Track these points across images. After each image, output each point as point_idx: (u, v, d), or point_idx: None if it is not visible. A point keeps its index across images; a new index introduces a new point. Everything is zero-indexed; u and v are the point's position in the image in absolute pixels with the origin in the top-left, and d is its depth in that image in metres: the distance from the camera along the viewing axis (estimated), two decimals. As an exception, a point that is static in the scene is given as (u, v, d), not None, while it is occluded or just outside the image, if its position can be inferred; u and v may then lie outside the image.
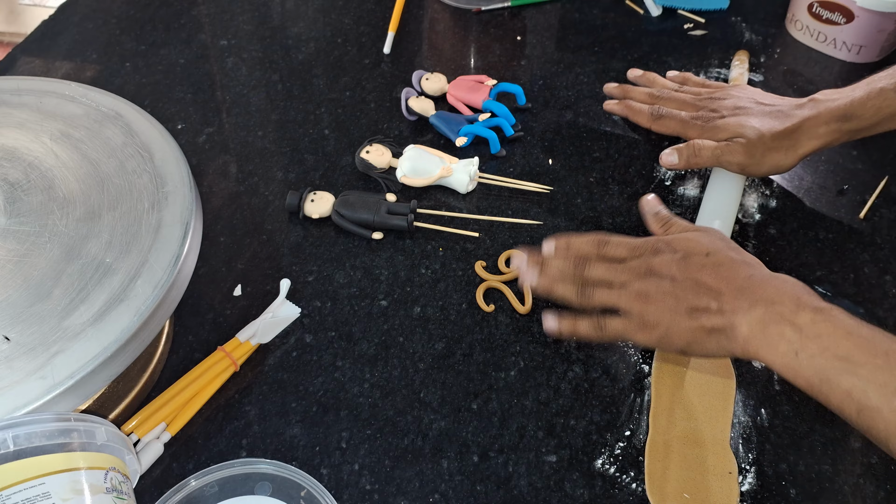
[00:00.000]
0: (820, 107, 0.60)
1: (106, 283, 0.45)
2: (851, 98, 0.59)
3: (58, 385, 0.41)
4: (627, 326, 0.50)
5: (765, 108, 0.63)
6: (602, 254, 0.53)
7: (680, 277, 0.49)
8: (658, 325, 0.49)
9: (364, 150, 0.68)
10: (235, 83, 0.79)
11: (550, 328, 0.53)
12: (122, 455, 0.44)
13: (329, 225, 0.64)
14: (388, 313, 0.58)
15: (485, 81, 0.74)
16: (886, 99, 0.57)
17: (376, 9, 0.89)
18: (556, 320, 0.53)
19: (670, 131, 0.66)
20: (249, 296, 0.59)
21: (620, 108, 0.70)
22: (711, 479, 0.48)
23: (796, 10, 0.83)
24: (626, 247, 0.53)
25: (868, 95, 0.58)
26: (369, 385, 0.54)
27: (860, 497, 0.48)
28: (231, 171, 0.70)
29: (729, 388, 0.53)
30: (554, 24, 0.87)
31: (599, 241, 0.53)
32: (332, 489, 0.48)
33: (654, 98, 0.69)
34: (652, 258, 0.51)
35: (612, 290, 0.51)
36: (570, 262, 0.53)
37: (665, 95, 0.69)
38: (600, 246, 0.53)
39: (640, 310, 0.49)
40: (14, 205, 0.48)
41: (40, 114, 0.56)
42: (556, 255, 0.54)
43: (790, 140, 0.60)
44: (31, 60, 0.82)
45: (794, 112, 0.61)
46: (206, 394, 0.52)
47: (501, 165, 0.70)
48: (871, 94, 0.58)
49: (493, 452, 0.50)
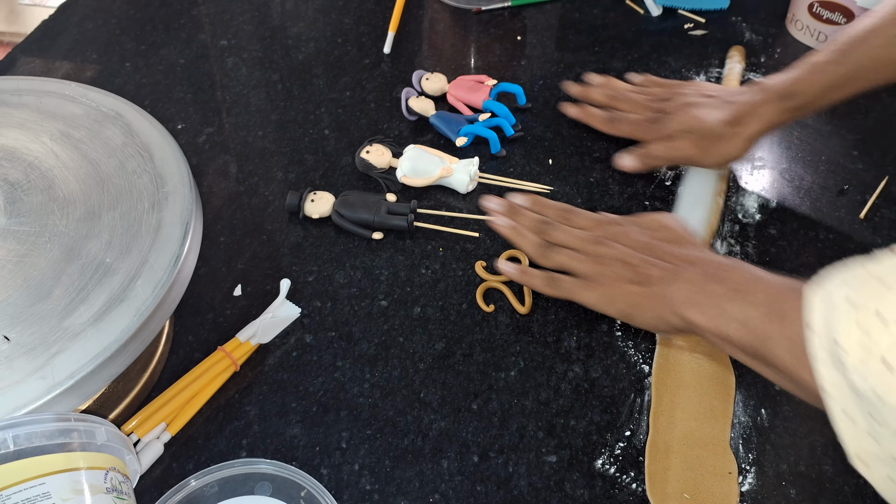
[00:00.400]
0: (761, 89, 0.61)
1: (106, 283, 0.45)
2: (792, 77, 0.60)
3: (58, 385, 0.41)
4: (577, 284, 0.53)
5: (711, 99, 0.64)
6: (567, 220, 0.58)
7: (634, 246, 0.53)
8: (603, 285, 0.52)
9: (364, 150, 0.68)
10: (235, 83, 0.79)
11: (505, 270, 0.57)
12: (123, 455, 0.44)
13: (329, 225, 0.64)
14: (388, 313, 0.58)
15: (485, 81, 0.74)
16: (823, 73, 0.59)
17: (376, 9, 0.89)
18: (513, 266, 0.57)
19: (625, 134, 0.68)
20: (249, 296, 0.59)
21: (577, 112, 0.72)
22: (711, 480, 0.48)
23: (796, 10, 0.83)
24: (591, 219, 0.57)
25: (805, 71, 0.60)
26: (369, 385, 0.54)
27: (860, 497, 0.48)
28: (231, 171, 0.70)
29: (729, 388, 0.53)
30: (554, 24, 0.87)
31: (567, 209, 0.59)
32: (332, 489, 0.48)
33: (609, 98, 0.71)
34: (611, 228, 0.56)
35: (570, 253, 0.55)
36: (538, 218, 0.58)
37: (620, 97, 0.70)
38: (567, 213, 0.58)
39: (592, 271, 0.53)
40: (14, 205, 0.48)
41: (40, 114, 0.56)
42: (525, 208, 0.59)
43: (737, 127, 0.61)
44: (31, 60, 0.82)
45: (736, 98, 0.62)
46: (206, 394, 0.52)
47: (501, 165, 0.70)
48: (807, 69, 0.60)
49: (494, 452, 0.50)
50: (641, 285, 0.51)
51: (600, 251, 0.54)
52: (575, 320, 0.57)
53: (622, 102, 0.70)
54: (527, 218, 0.58)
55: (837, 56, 0.58)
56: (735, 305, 0.44)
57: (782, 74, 0.61)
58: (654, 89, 0.71)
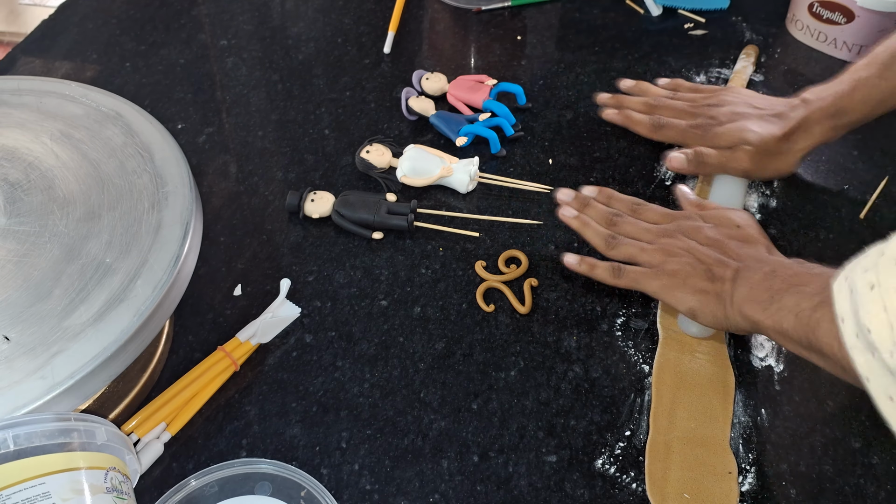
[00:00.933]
0: (812, 106, 0.61)
1: (106, 283, 0.45)
2: (839, 93, 0.60)
3: (58, 385, 0.41)
4: (643, 273, 0.53)
5: (761, 111, 0.63)
6: (637, 213, 0.58)
7: (706, 242, 0.53)
8: (674, 276, 0.52)
9: (364, 150, 0.68)
10: (235, 83, 0.79)
11: (570, 263, 0.57)
12: (123, 455, 0.44)
13: (329, 225, 0.64)
14: (388, 313, 0.58)
15: (485, 81, 0.74)
16: (871, 88, 0.59)
17: (376, 9, 0.89)
18: (578, 257, 0.57)
19: (671, 140, 0.67)
20: (249, 296, 0.59)
21: (620, 118, 0.70)
22: (711, 480, 0.48)
23: (797, 10, 0.83)
24: (660, 213, 0.58)
25: (853, 88, 0.59)
26: (369, 385, 0.54)
27: (861, 497, 0.48)
28: (231, 171, 0.70)
29: (729, 388, 0.53)
30: (554, 23, 0.87)
31: (637, 202, 0.59)
32: (332, 489, 0.48)
33: (649, 107, 0.69)
34: (683, 222, 0.55)
35: (638, 245, 0.55)
36: (608, 210, 0.58)
37: (661, 104, 0.69)
38: (637, 206, 0.59)
39: (661, 261, 0.53)
40: (14, 205, 0.48)
41: (40, 114, 0.56)
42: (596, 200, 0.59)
43: (790, 142, 0.61)
44: (31, 60, 0.82)
45: (789, 114, 0.62)
46: (206, 394, 0.52)
47: (501, 165, 0.70)
48: (855, 86, 0.59)
49: (494, 452, 0.50)
50: (710, 282, 0.50)
51: (670, 244, 0.54)
52: (575, 320, 0.57)
53: (663, 109, 0.69)
54: (596, 210, 0.59)
55: (882, 70, 0.58)
56: (790, 297, 0.45)
57: (827, 90, 0.61)
58: (691, 94, 0.70)
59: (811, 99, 0.62)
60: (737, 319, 0.49)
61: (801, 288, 0.45)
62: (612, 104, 0.72)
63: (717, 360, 0.55)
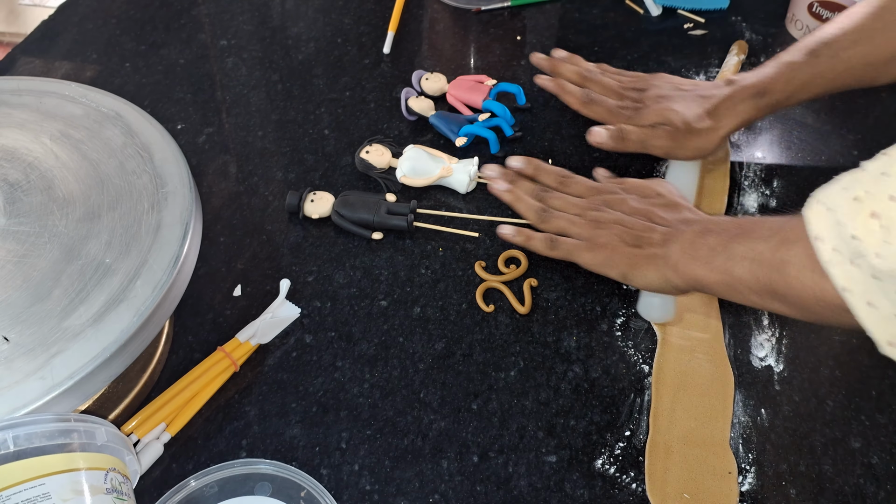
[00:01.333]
0: (735, 86, 0.63)
1: (106, 283, 0.45)
2: (763, 74, 0.62)
3: (57, 385, 0.41)
4: (577, 246, 0.55)
5: (685, 93, 0.65)
6: (565, 186, 0.60)
7: (630, 212, 0.56)
8: (604, 248, 0.54)
9: (364, 150, 0.68)
10: (235, 83, 0.79)
11: (506, 234, 0.59)
12: (122, 455, 0.44)
13: (329, 225, 0.64)
14: (388, 313, 0.58)
15: (484, 81, 0.74)
16: (794, 71, 0.61)
17: (376, 9, 0.89)
18: (514, 229, 0.59)
19: (598, 117, 0.68)
20: (249, 296, 0.59)
21: (553, 86, 0.70)
22: (711, 480, 0.48)
23: (796, 10, 0.83)
24: (586, 185, 0.60)
25: (778, 70, 0.61)
26: (369, 385, 0.54)
27: (860, 497, 0.48)
28: (231, 171, 0.70)
29: (729, 388, 0.53)
30: (554, 23, 0.87)
31: (564, 174, 0.61)
32: (332, 489, 0.48)
33: (582, 78, 0.70)
34: (608, 196, 0.58)
35: (568, 219, 0.57)
36: (536, 186, 0.60)
37: (593, 77, 0.70)
38: (565, 179, 0.61)
39: (591, 234, 0.55)
40: (14, 205, 0.48)
41: (40, 114, 0.56)
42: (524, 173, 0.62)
43: (711, 121, 0.62)
44: (31, 60, 0.82)
45: (711, 93, 0.64)
46: (206, 394, 0.52)
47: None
48: (780, 68, 0.61)
49: (493, 453, 0.50)
50: (640, 247, 0.53)
51: (598, 216, 0.56)
52: (575, 320, 0.57)
53: (594, 84, 0.70)
54: (525, 186, 0.61)
55: (808, 57, 0.60)
56: (741, 245, 0.46)
57: (755, 72, 0.63)
58: (622, 77, 0.71)
59: (735, 79, 0.64)
60: (675, 280, 0.50)
61: (751, 234, 0.46)
62: (546, 67, 0.73)
63: (716, 360, 0.55)
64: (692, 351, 0.55)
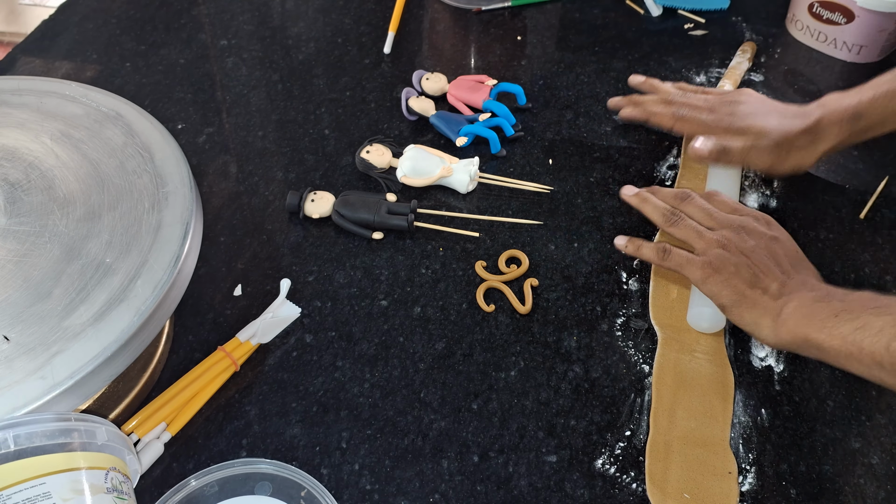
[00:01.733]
0: (828, 108, 0.62)
1: (106, 283, 0.45)
2: (860, 99, 0.61)
3: (58, 385, 0.41)
4: (690, 261, 0.54)
5: (780, 110, 0.64)
6: (709, 197, 0.59)
7: (762, 249, 0.53)
8: (719, 273, 0.52)
9: (364, 150, 0.68)
10: (235, 83, 0.79)
11: (619, 243, 0.59)
12: (123, 455, 0.44)
13: (329, 225, 0.64)
14: (388, 313, 0.58)
15: (485, 81, 0.74)
16: (892, 99, 0.60)
17: (376, 9, 0.89)
18: (626, 238, 0.59)
19: (693, 133, 0.67)
20: (249, 296, 0.59)
21: (640, 112, 0.70)
22: (711, 479, 0.48)
23: (797, 10, 0.83)
24: (731, 206, 0.58)
25: (875, 96, 0.60)
26: (369, 385, 0.54)
27: (860, 497, 0.48)
28: (231, 171, 0.70)
29: (729, 388, 0.53)
30: (554, 23, 0.87)
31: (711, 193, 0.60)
32: (333, 489, 0.48)
33: (668, 104, 0.69)
34: (749, 221, 0.56)
35: (698, 229, 0.55)
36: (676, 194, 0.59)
37: (678, 100, 0.69)
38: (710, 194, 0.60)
39: (713, 253, 0.53)
40: (14, 205, 0.48)
41: (40, 114, 0.56)
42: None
43: (810, 138, 0.62)
44: (31, 60, 0.82)
45: (810, 112, 0.63)
46: (206, 394, 0.52)
47: (501, 165, 0.70)
48: (877, 94, 0.60)
49: (494, 452, 0.50)
50: (751, 288, 0.51)
51: (729, 237, 0.54)
52: (575, 320, 0.57)
53: (681, 106, 0.69)
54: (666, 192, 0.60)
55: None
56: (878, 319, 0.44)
57: (852, 94, 0.62)
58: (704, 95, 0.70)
59: (828, 102, 0.63)
60: (782, 334, 0.49)
61: (882, 310, 0.45)
62: (626, 104, 0.72)
63: (716, 360, 0.55)
64: (692, 351, 0.55)
